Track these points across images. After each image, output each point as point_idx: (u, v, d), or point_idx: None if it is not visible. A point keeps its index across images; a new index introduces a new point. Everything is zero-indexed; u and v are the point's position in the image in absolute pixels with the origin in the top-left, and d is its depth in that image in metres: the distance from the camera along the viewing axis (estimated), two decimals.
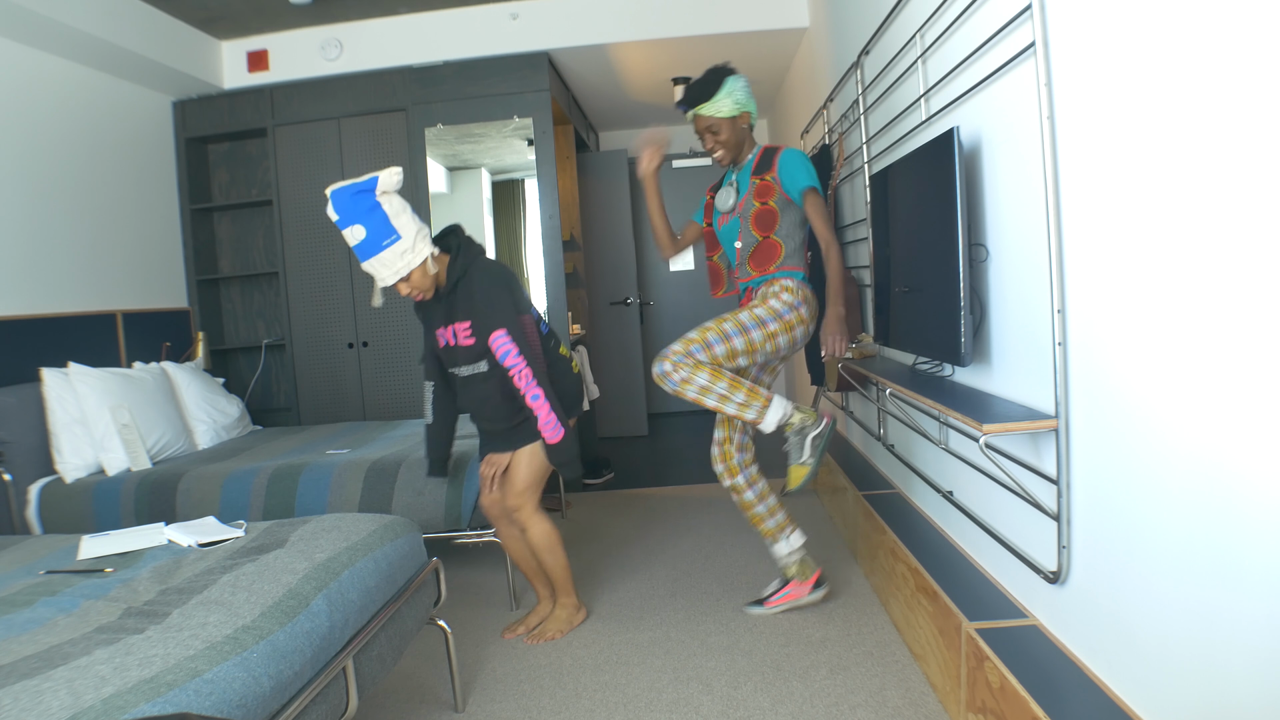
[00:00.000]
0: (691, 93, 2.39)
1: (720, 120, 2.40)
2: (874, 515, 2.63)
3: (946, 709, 1.93)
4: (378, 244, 2.17)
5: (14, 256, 3.18)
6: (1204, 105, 1.13)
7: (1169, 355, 1.25)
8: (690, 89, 2.40)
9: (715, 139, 2.43)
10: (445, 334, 2.41)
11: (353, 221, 2.16)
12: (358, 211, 2.16)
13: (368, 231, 2.16)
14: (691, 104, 2.40)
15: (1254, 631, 1.10)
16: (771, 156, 2.43)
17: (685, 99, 2.41)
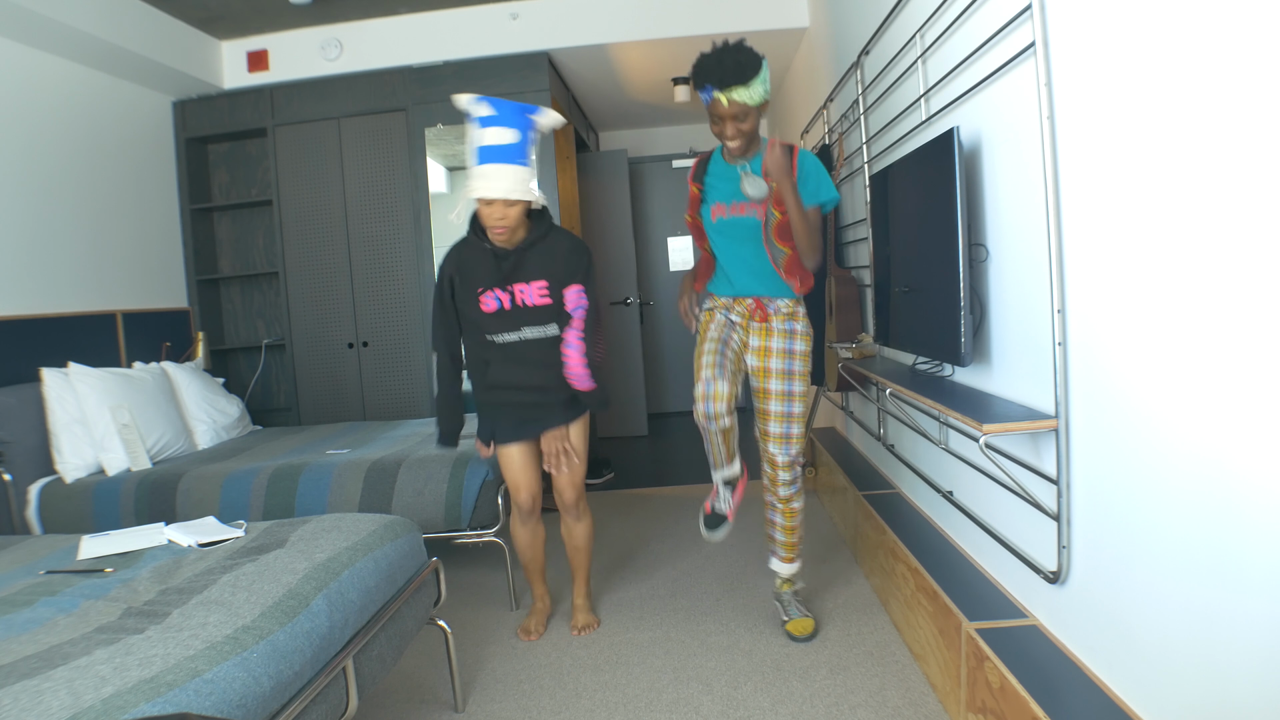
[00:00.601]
0: (726, 72, 2.06)
1: (750, 108, 2.12)
2: (874, 515, 2.63)
3: (946, 709, 1.93)
4: (516, 156, 2.11)
5: (14, 256, 3.18)
6: (1204, 105, 1.13)
7: (1169, 355, 1.25)
8: (722, 67, 2.06)
9: (739, 127, 2.16)
10: (503, 296, 2.26)
11: (508, 124, 2.10)
12: (516, 120, 2.12)
13: (515, 141, 2.10)
14: (724, 84, 2.07)
15: (1254, 631, 1.10)
16: (789, 157, 2.23)
17: (716, 78, 2.07)
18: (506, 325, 2.29)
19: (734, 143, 2.20)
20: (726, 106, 2.10)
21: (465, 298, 2.30)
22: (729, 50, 2.09)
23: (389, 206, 4.23)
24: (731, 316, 2.36)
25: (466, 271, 2.29)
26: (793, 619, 2.38)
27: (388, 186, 4.23)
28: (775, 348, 2.31)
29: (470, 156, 2.15)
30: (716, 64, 2.08)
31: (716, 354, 2.27)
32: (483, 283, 2.27)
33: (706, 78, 2.09)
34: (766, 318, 2.33)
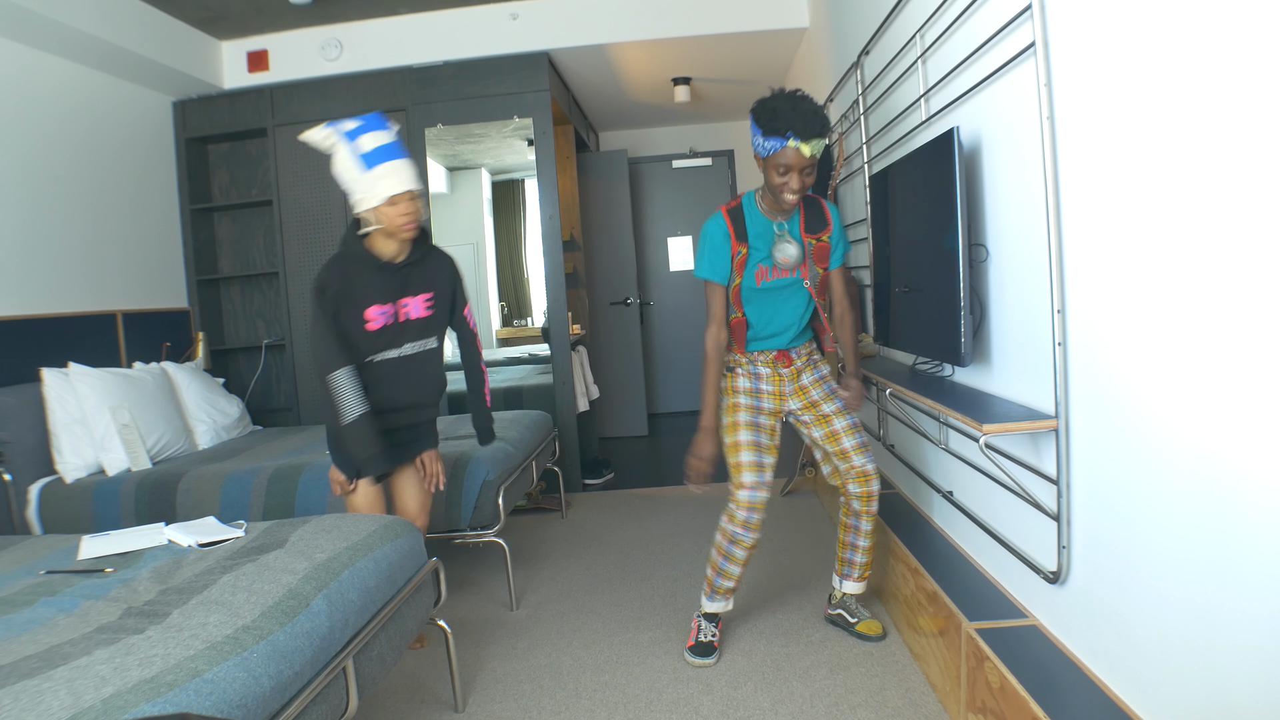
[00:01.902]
0: (811, 122, 1.99)
1: (816, 161, 2.07)
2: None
3: (946, 709, 1.93)
4: (404, 152, 2.11)
5: (14, 256, 3.18)
6: (1204, 105, 1.13)
7: (1169, 355, 1.25)
8: (803, 115, 1.98)
9: (806, 181, 2.07)
10: (387, 310, 2.17)
11: (380, 128, 2.09)
12: (383, 124, 2.12)
13: (397, 139, 2.11)
14: (808, 134, 1.99)
15: (1254, 631, 1.10)
16: (820, 212, 2.23)
17: (799, 126, 1.98)
18: (389, 342, 2.20)
19: (796, 197, 2.08)
20: (806, 157, 2.02)
21: (349, 318, 2.14)
22: (801, 99, 2.02)
23: None
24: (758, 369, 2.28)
25: (352, 288, 2.14)
26: (862, 620, 2.36)
27: None
28: (808, 383, 2.29)
29: (355, 169, 2.06)
30: (793, 111, 1.99)
31: (756, 449, 2.20)
32: (371, 299, 2.15)
33: (787, 125, 1.98)
34: (790, 362, 2.28)
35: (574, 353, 4.39)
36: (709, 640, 2.31)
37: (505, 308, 5.44)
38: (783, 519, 3.48)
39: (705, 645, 2.29)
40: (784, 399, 2.29)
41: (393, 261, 2.17)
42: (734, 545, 2.20)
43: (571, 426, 4.22)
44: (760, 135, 2.06)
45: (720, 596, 2.32)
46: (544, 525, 3.74)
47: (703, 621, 2.35)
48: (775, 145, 2.03)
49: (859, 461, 2.23)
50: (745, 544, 2.19)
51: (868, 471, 2.23)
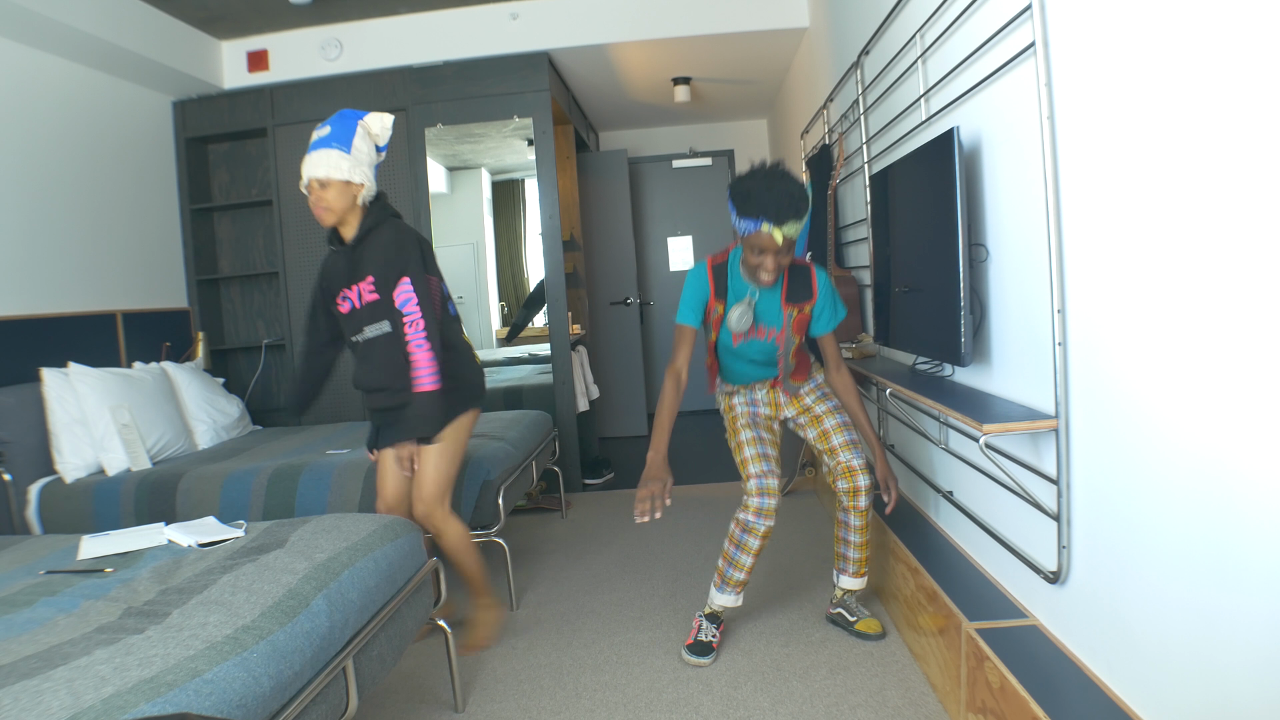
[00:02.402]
0: (783, 206, 1.96)
1: (793, 242, 2.03)
2: (874, 515, 2.62)
3: (946, 709, 1.93)
4: (328, 142, 2.19)
5: (14, 256, 3.18)
6: (1204, 105, 1.13)
7: (1169, 355, 1.25)
8: (778, 199, 1.95)
9: (781, 262, 2.06)
10: (351, 295, 2.29)
11: (327, 124, 2.22)
12: (337, 120, 2.23)
13: (330, 132, 2.21)
14: (781, 219, 1.96)
15: (1254, 631, 1.10)
16: (807, 281, 2.23)
17: (772, 212, 1.95)
18: (354, 326, 2.33)
19: (770, 277, 2.08)
20: (779, 243, 2.00)
21: (329, 300, 2.37)
22: (778, 179, 1.99)
23: None
24: (755, 395, 2.42)
25: (327, 276, 2.36)
26: (862, 619, 2.36)
27: (388, 186, 4.22)
28: (804, 391, 2.41)
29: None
30: (768, 193, 1.96)
31: (758, 443, 2.29)
32: (337, 284, 2.33)
33: (760, 210, 1.96)
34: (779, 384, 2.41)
35: (574, 353, 4.39)
36: (708, 640, 2.31)
37: (505, 308, 5.45)
38: (783, 519, 3.48)
39: (704, 645, 2.30)
40: (780, 408, 2.42)
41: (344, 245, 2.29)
42: (747, 534, 2.23)
43: (571, 426, 4.22)
44: (735, 214, 2.05)
45: (731, 589, 2.31)
46: (544, 525, 3.74)
47: (704, 621, 2.35)
48: (750, 227, 2.02)
49: (845, 457, 2.30)
50: (758, 532, 2.22)
51: (853, 467, 2.28)
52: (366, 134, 2.25)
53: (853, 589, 2.40)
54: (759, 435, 2.31)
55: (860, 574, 2.38)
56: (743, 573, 2.28)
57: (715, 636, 2.33)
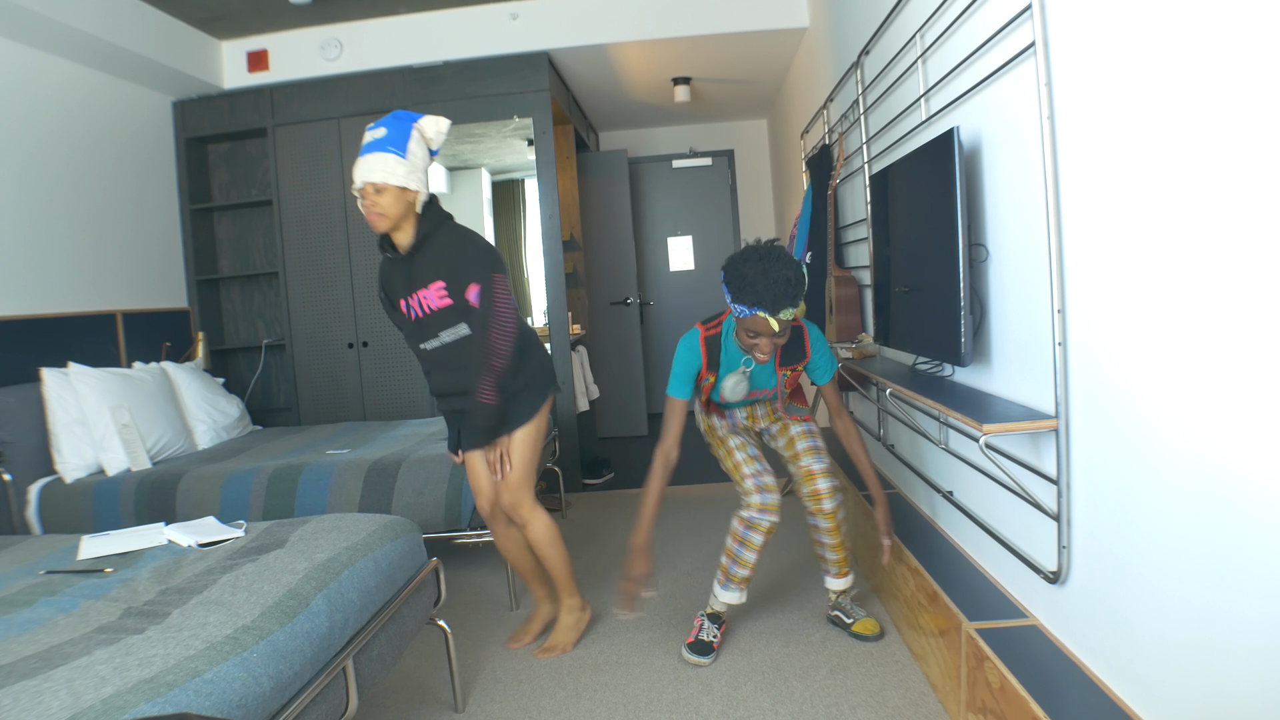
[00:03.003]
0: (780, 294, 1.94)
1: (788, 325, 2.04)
2: (874, 515, 2.62)
3: (946, 709, 1.93)
4: (384, 146, 2.10)
5: (14, 256, 3.18)
6: (1204, 105, 1.13)
7: (1169, 355, 1.25)
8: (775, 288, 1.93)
9: (776, 343, 2.06)
10: (412, 304, 2.23)
11: (381, 125, 2.15)
12: (392, 122, 2.16)
13: (386, 135, 2.13)
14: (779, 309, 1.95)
15: (1254, 631, 1.10)
16: (800, 342, 2.24)
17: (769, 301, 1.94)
18: (426, 333, 2.26)
19: (765, 358, 2.07)
20: (775, 329, 1.99)
21: (394, 310, 2.32)
22: (774, 262, 1.95)
23: None
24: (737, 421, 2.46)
25: (388, 286, 2.30)
26: (858, 620, 2.36)
27: None
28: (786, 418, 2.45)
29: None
30: (763, 280, 1.93)
31: (746, 448, 2.33)
32: (399, 293, 2.26)
33: (756, 300, 1.95)
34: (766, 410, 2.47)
35: (574, 353, 4.39)
36: (709, 640, 2.31)
37: None
38: (782, 519, 3.47)
39: (704, 644, 2.30)
40: (757, 420, 2.47)
41: (400, 251, 2.24)
42: (751, 530, 2.23)
43: (571, 426, 4.23)
44: (730, 297, 2.03)
45: (735, 586, 2.31)
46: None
47: (705, 620, 2.35)
48: (744, 311, 2.00)
49: (806, 462, 2.32)
50: (763, 528, 2.23)
51: (813, 471, 2.30)
52: (421, 137, 2.17)
53: (839, 589, 2.41)
54: (745, 441, 2.37)
55: (843, 574, 2.39)
56: (747, 569, 2.29)
57: (716, 637, 2.33)
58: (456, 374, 2.27)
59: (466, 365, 2.23)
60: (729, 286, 2.02)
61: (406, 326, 2.30)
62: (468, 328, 2.23)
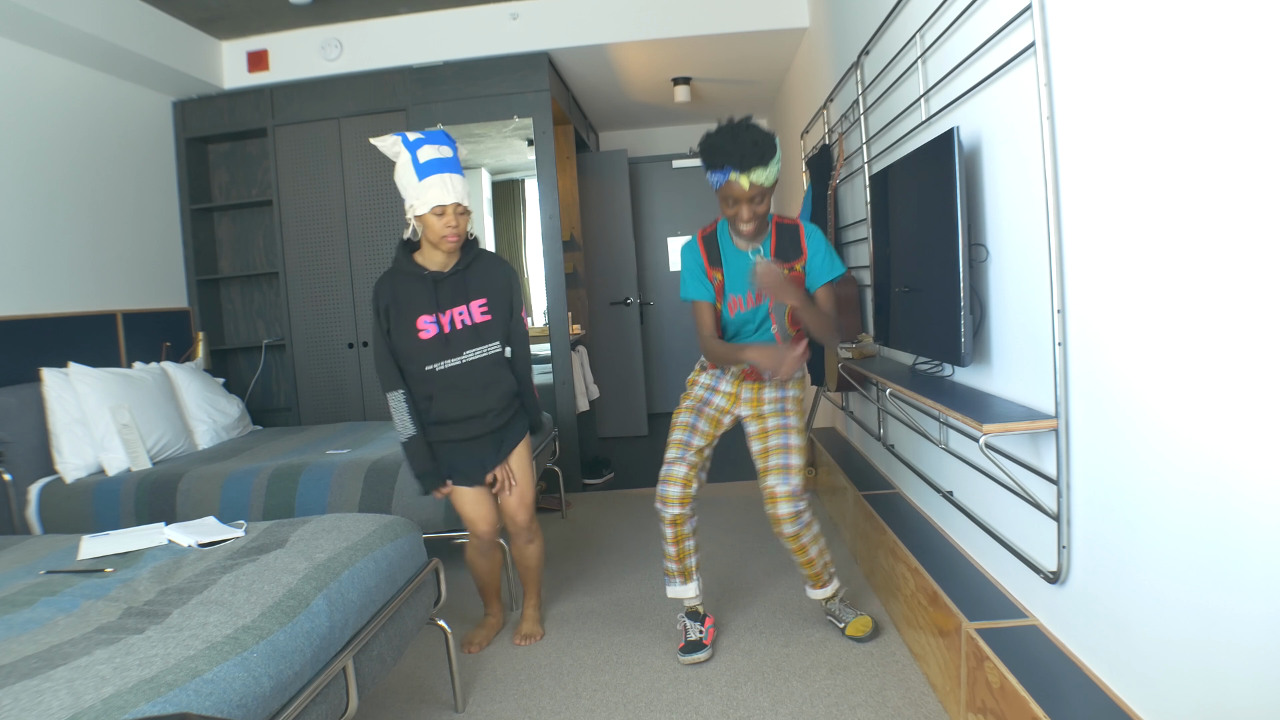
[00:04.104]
0: (746, 154, 1.98)
1: (767, 189, 2.06)
2: (874, 515, 2.63)
3: (946, 709, 1.93)
4: (458, 167, 2.18)
5: (14, 256, 3.18)
6: (1204, 105, 1.13)
7: (1169, 355, 1.25)
8: (740, 149, 1.98)
9: (755, 210, 2.07)
10: (442, 319, 2.23)
11: (441, 142, 2.18)
12: (446, 139, 2.20)
13: (454, 155, 2.19)
14: (745, 166, 1.99)
15: (1254, 632, 1.10)
16: (796, 239, 2.20)
17: (735, 159, 1.99)
18: (446, 351, 2.25)
19: (749, 226, 2.10)
20: (747, 188, 2.03)
21: (401, 329, 2.23)
22: (743, 129, 2.02)
23: (389, 206, 4.23)
24: (720, 385, 2.38)
25: (401, 301, 2.23)
26: (849, 622, 2.36)
27: (388, 186, 4.23)
28: (768, 397, 2.35)
29: (408, 178, 2.17)
30: (732, 143, 1.99)
31: (688, 429, 2.33)
32: (420, 310, 2.23)
33: (725, 159, 2.00)
34: (760, 377, 2.32)
35: (574, 353, 4.39)
36: (698, 638, 2.31)
37: None
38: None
39: (694, 643, 2.30)
40: (736, 402, 2.38)
41: (440, 271, 2.25)
42: (659, 522, 2.33)
43: (571, 426, 4.23)
44: (705, 170, 2.10)
45: (674, 579, 2.37)
46: (544, 525, 3.73)
47: (686, 620, 2.36)
48: (719, 179, 2.06)
49: (770, 482, 2.26)
50: (665, 519, 2.30)
51: (776, 494, 2.24)
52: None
53: (819, 598, 2.41)
54: (694, 423, 2.33)
55: (820, 585, 2.39)
56: (673, 561, 2.33)
57: (704, 632, 2.33)
58: (471, 396, 2.27)
59: (486, 385, 2.28)
60: (703, 158, 2.08)
61: (415, 346, 2.24)
62: (500, 345, 2.31)
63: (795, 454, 2.27)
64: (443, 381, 2.26)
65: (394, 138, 2.19)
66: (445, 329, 2.24)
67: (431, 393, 2.27)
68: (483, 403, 2.29)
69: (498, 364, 2.31)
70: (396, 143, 2.18)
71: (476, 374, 2.28)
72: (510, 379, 2.36)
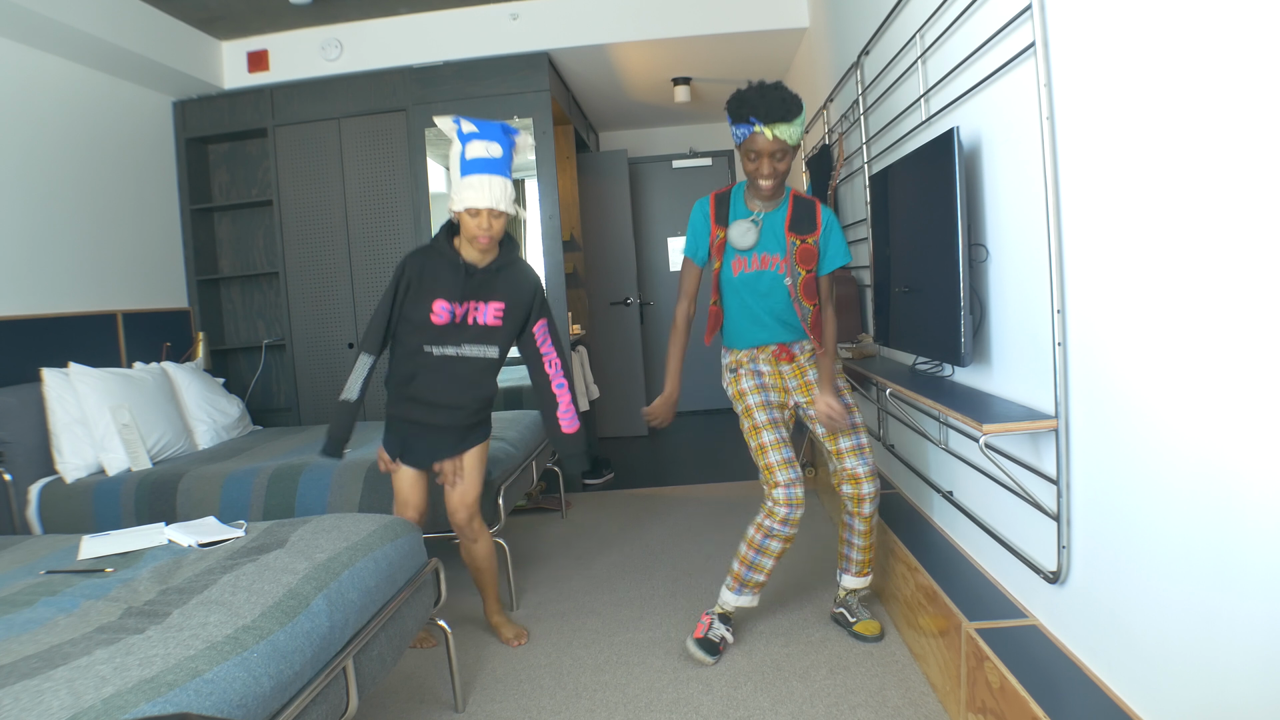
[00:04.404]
0: (773, 106, 2.02)
1: (790, 148, 2.08)
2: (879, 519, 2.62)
3: (946, 709, 1.93)
4: (504, 169, 2.18)
5: (14, 256, 3.18)
6: (1203, 105, 1.13)
7: (1169, 356, 1.25)
8: (768, 101, 2.02)
9: (776, 166, 2.10)
10: (458, 309, 2.25)
11: (493, 138, 2.17)
12: (500, 136, 2.19)
13: (503, 156, 2.19)
14: (770, 119, 2.02)
15: (1254, 632, 1.11)
16: (812, 214, 2.22)
17: (761, 111, 2.03)
18: (450, 339, 2.28)
19: (769, 182, 2.12)
20: (771, 141, 2.05)
21: (416, 303, 2.25)
22: (772, 88, 2.06)
23: (389, 206, 4.23)
24: (759, 367, 2.32)
25: (427, 278, 2.25)
26: (860, 620, 2.35)
27: (388, 186, 4.23)
28: (813, 379, 2.31)
29: (454, 169, 2.19)
30: (760, 98, 2.04)
31: (777, 427, 2.24)
32: (441, 293, 2.25)
33: (751, 110, 2.04)
34: (793, 358, 2.32)
35: (574, 353, 4.39)
36: (717, 640, 2.29)
37: None
38: None
39: (711, 643, 2.28)
40: (788, 393, 2.33)
41: (473, 264, 2.26)
42: (769, 539, 2.20)
43: None
44: (731, 124, 2.13)
45: (749, 591, 2.30)
46: (544, 525, 3.74)
47: (716, 620, 2.33)
48: (743, 132, 2.09)
49: (850, 464, 2.26)
50: (782, 537, 2.19)
51: (858, 475, 2.25)
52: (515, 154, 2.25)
53: (855, 588, 2.39)
54: (780, 436, 2.23)
55: (863, 574, 2.37)
56: (763, 574, 2.27)
57: (724, 638, 2.31)
58: (451, 385, 2.30)
59: (467, 382, 2.31)
60: (729, 112, 2.11)
61: (423, 324, 2.26)
62: (498, 353, 2.34)
63: (863, 433, 2.30)
64: (433, 364, 2.29)
65: (451, 124, 2.20)
66: (458, 319, 2.27)
67: (416, 371, 2.29)
68: (461, 397, 2.31)
69: (488, 368, 2.34)
70: (452, 129, 2.20)
71: (466, 369, 2.30)
72: (492, 386, 2.37)
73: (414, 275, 2.25)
